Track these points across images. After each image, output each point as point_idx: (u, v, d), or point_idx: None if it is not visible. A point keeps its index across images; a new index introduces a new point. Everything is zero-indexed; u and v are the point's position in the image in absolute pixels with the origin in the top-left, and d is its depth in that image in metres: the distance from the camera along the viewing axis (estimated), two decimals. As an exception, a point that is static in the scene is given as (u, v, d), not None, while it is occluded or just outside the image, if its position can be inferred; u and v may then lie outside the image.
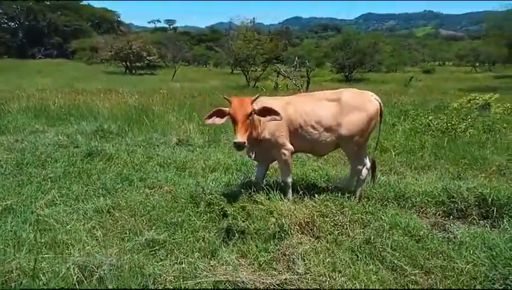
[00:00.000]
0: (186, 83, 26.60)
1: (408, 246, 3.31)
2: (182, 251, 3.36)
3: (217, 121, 4.04)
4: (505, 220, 3.78)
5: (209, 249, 3.36)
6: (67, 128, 8.28)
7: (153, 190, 4.82)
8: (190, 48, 57.99)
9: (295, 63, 21.89)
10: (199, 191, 4.38)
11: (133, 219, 3.98)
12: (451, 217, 4.05)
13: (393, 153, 6.12)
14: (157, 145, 7.21)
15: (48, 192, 4.65)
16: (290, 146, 4.18)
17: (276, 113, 3.84)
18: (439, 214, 4.15)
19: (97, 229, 3.77)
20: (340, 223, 3.74)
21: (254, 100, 3.87)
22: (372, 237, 3.43)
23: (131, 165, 5.83)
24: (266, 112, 3.87)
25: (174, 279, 2.96)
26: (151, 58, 43.67)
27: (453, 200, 4.16)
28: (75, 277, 2.89)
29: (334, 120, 4.13)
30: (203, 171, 5.56)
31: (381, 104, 4.25)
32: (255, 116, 3.88)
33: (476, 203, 4.09)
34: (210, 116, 4.06)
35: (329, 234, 3.60)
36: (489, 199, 3.97)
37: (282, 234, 3.50)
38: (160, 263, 3.17)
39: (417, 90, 21.71)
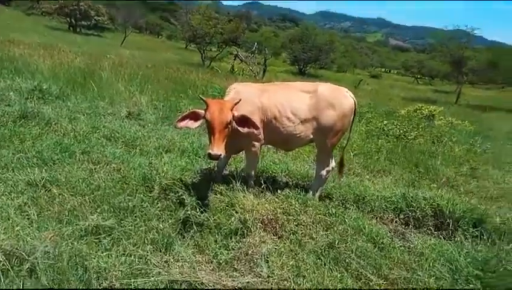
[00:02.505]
0: (137, 52, 25.03)
1: (372, 254, 3.22)
2: (131, 241, 2.96)
3: (191, 124, 3.48)
4: (459, 233, 3.86)
5: (163, 241, 3.00)
6: (-3, 83, 7.23)
7: (98, 166, 4.28)
8: (144, 14, 54.83)
9: (254, 48, 21.50)
10: (153, 173, 3.96)
11: (74, 198, 3.47)
12: (409, 225, 4.05)
13: (351, 154, 6.11)
14: (104, 116, 6.54)
15: (-32, 155, 3.94)
16: (261, 138, 3.89)
17: (255, 126, 3.48)
18: (396, 221, 4.14)
19: (29, 207, 3.24)
20: (303, 223, 3.57)
21: (235, 105, 3.43)
22: (336, 241, 3.30)
23: (73, 135, 5.19)
24: (245, 122, 3.47)
25: (121, 275, 2.57)
26: (99, 18, 40.67)
27: (411, 208, 4.18)
28: (-1, 265, 2.40)
29: (310, 113, 3.91)
30: (155, 151, 5.09)
31: (356, 102, 4.11)
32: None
33: (433, 213, 4.14)
34: (183, 119, 3.49)
35: (293, 233, 3.41)
36: (446, 211, 4.03)
37: (244, 231, 3.24)
38: (105, 254, 2.76)
39: (366, 94, 22.47)
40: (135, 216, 3.25)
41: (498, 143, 9.81)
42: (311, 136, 4.02)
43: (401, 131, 7.97)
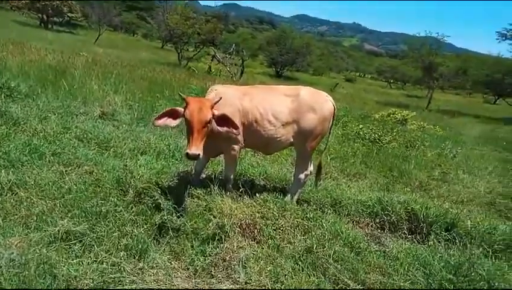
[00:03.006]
0: (111, 50, 24.48)
1: (349, 259, 3.24)
2: (103, 247, 2.85)
3: (169, 122, 3.40)
4: (432, 237, 3.94)
5: (138, 247, 2.89)
6: (-39, 80, 6.85)
7: (70, 168, 4.12)
8: (119, 13, 53.65)
9: (232, 49, 21.44)
10: (127, 176, 3.84)
11: (42, 201, 3.32)
12: (384, 229, 4.11)
13: (328, 158, 6.16)
14: (76, 115, 6.31)
15: None
16: (241, 141, 3.85)
17: (235, 126, 3.43)
18: (372, 225, 4.19)
19: (-6, 211, 3.05)
20: (281, 228, 3.54)
21: (215, 103, 3.38)
22: (314, 246, 3.29)
23: (43, 135, 4.96)
24: (225, 121, 3.41)
25: (93, 283, 2.46)
26: (72, 15, 39.36)
27: (387, 212, 4.24)
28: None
29: (291, 117, 3.91)
30: (130, 153, 4.95)
31: (335, 107, 4.14)
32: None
33: (407, 217, 4.21)
34: (161, 117, 3.40)
35: (271, 238, 3.38)
36: (420, 215, 4.11)
37: (222, 236, 3.19)
38: (76, 261, 2.64)
39: (342, 97, 22.84)
40: (108, 221, 3.12)
41: (467, 148, 10.16)
42: (292, 140, 4.02)
43: (376, 135, 8.11)
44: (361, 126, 8.67)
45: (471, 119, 22.83)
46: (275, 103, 3.89)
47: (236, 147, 3.86)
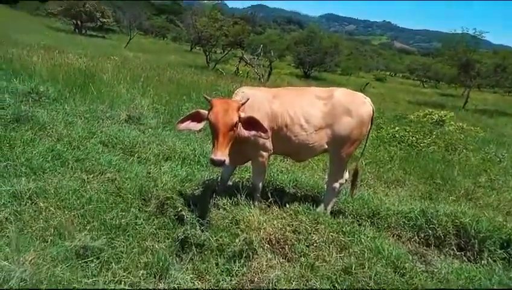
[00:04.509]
0: (141, 54, 24.81)
1: (393, 281, 2.87)
2: (122, 265, 2.63)
3: (193, 126, 3.17)
4: (485, 255, 3.50)
5: (159, 265, 2.66)
6: (-7, 84, 6.94)
7: (92, 176, 3.97)
8: (149, 17, 54.72)
9: (259, 51, 21.21)
10: (150, 185, 3.63)
11: (61, 212, 3.15)
12: (430, 245, 3.69)
13: (363, 163, 5.75)
14: (103, 120, 6.22)
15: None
16: (270, 147, 3.55)
17: (263, 130, 3.13)
18: (414, 240, 3.78)
19: (11, 222, 2.91)
20: (314, 244, 3.22)
21: (243, 105, 3.12)
22: (352, 266, 2.95)
23: (68, 140, 4.86)
24: (252, 124, 3.13)
25: (108, 307, 2.24)
26: (104, 20, 40.49)
27: (432, 226, 3.81)
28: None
29: (325, 121, 3.58)
30: (155, 159, 4.77)
31: (374, 110, 3.77)
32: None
33: (455, 231, 3.78)
34: (184, 120, 3.19)
35: (303, 256, 3.06)
36: (471, 230, 3.66)
37: (250, 253, 2.90)
38: (91, 281, 2.42)
39: (372, 97, 21.97)
40: (128, 235, 2.92)
41: (513, 151, 9.38)
42: (326, 146, 3.69)
43: (414, 138, 7.59)
44: (397, 128, 8.17)
45: (512, 119, 21.48)
46: (307, 106, 3.57)
47: (265, 153, 3.56)
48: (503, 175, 6.47)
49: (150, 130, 6.10)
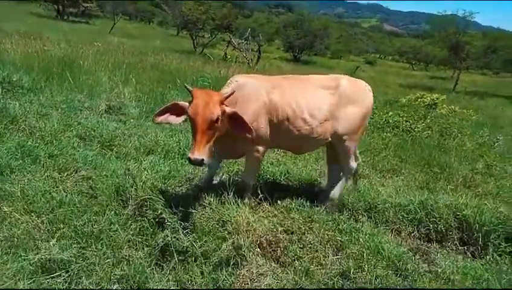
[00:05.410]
0: (126, 39, 24.00)
1: (395, 285, 2.63)
2: (94, 278, 2.33)
3: (172, 119, 2.90)
4: (490, 250, 3.29)
5: (136, 278, 2.36)
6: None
7: (65, 174, 3.64)
8: (134, 1, 53.16)
9: (247, 35, 20.63)
10: (128, 183, 3.31)
11: (27, 217, 2.82)
12: (431, 240, 3.47)
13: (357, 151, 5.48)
14: (80, 110, 5.83)
15: None
16: (268, 141, 3.25)
17: (248, 130, 2.82)
18: (415, 235, 3.55)
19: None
20: (309, 245, 2.96)
21: (227, 98, 2.79)
22: (350, 269, 2.70)
23: (40, 135, 4.48)
24: (237, 122, 2.82)
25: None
26: (87, 5, 39.21)
27: (433, 219, 3.58)
28: None
29: (330, 113, 3.33)
30: (135, 153, 4.43)
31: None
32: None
33: (457, 225, 3.55)
34: (163, 112, 2.90)
35: (297, 259, 2.80)
36: (474, 223, 3.44)
37: (238, 259, 2.62)
38: (57, 300, 2.12)
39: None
40: (102, 243, 2.61)
41: (508, 134, 9.22)
42: (330, 138, 3.47)
43: (408, 123, 7.36)
44: (390, 113, 7.92)
45: (503, 101, 21.47)
46: (312, 98, 3.30)
47: (260, 148, 3.24)
48: (499, 161, 6.28)
49: (131, 120, 5.73)
